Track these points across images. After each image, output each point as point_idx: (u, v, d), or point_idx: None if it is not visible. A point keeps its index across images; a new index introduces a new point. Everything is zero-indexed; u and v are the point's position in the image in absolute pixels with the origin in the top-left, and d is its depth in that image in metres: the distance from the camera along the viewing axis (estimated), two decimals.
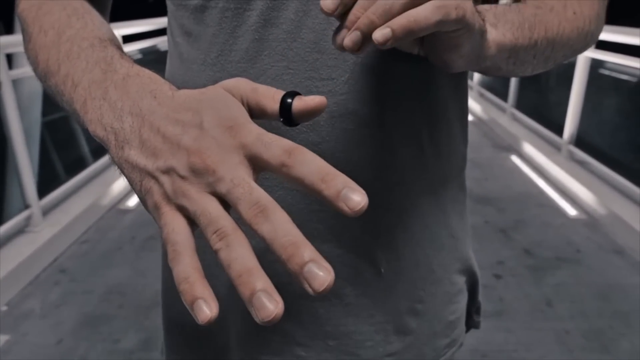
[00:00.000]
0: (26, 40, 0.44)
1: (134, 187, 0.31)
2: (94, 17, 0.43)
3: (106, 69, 0.35)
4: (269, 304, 0.23)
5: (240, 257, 0.25)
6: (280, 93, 0.31)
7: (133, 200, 2.99)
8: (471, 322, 0.63)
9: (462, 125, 0.51)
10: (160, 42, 4.20)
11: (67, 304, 2.01)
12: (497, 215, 2.85)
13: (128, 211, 2.87)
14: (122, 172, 0.32)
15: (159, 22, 4.03)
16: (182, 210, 0.28)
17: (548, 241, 2.55)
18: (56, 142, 3.18)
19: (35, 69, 0.43)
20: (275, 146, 0.27)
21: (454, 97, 0.49)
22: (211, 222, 0.26)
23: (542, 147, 3.71)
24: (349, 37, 0.30)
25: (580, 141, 3.40)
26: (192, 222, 0.28)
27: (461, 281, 0.56)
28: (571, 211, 2.90)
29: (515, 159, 3.85)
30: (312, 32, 0.41)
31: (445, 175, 0.50)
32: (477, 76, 5.80)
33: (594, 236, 2.60)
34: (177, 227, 0.28)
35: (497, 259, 2.36)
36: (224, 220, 0.26)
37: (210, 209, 0.27)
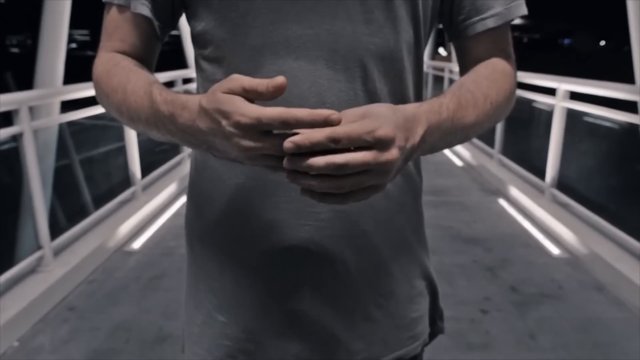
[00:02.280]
0: (104, 96, 0.62)
1: (212, 141, 0.48)
2: (140, 70, 0.62)
3: (156, 115, 0.53)
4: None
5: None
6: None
7: (138, 243, 3.12)
8: (436, 328, 0.77)
9: (415, 163, 0.68)
10: None
11: (76, 340, 2.12)
12: (484, 254, 3.00)
13: (133, 253, 3.00)
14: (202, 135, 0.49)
15: (168, 76, 4.32)
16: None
17: (532, 278, 2.69)
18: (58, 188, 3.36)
19: (120, 117, 0.61)
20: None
21: None
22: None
23: (527, 190, 3.90)
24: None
25: (563, 184, 3.59)
26: None
27: (421, 285, 0.72)
28: (554, 250, 3.05)
29: (502, 201, 4.03)
30: (297, 98, 0.59)
31: (401, 201, 0.66)
32: None
33: (575, 274, 2.75)
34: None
35: (484, 295, 2.49)
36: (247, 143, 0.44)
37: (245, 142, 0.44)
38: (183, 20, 0.69)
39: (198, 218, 0.68)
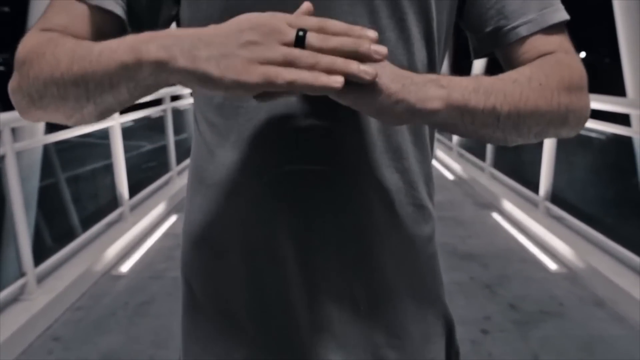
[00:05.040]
0: (34, 60, 0.48)
1: (208, 77, 0.40)
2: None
3: (143, 35, 0.43)
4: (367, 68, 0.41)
5: (331, 60, 0.40)
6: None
7: (126, 266, 3.02)
8: None
9: (428, 194, 0.62)
10: (153, 112, 4.43)
11: None
12: (481, 271, 2.95)
13: (121, 277, 2.89)
14: (189, 77, 0.41)
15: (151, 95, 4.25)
16: (269, 63, 0.40)
17: (532, 295, 2.64)
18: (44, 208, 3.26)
19: (51, 72, 0.46)
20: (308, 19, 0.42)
21: (421, 169, 0.61)
22: (299, 56, 0.40)
23: (521, 203, 3.88)
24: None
25: (555, 197, 3.57)
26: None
27: (437, 323, 0.66)
28: (552, 265, 3.01)
29: (496, 215, 4.00)
30: (292, 119, 0.54)
31: (415, 233, 0.61)
32: (455, 137, 6.08)
33: (575, 289, 2.70)
34: (273, 67, 0.39)
35: (484, 315, 2.43)
36: (305, 51, 0.40)
37: (291, 50, 0.40)
38: None
39: (197, 255, 0.62)
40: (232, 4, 0.51)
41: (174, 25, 0.60)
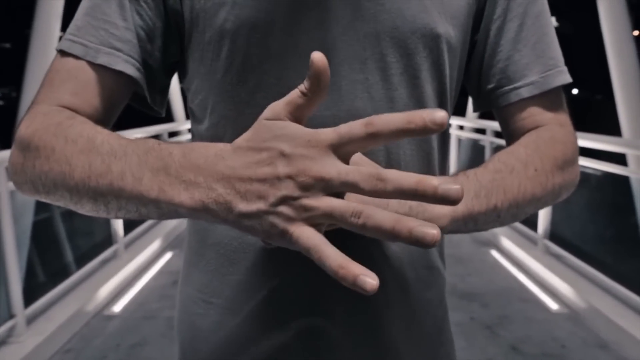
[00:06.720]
0: (41, 151, 0.44)
1: (258, 232, 0.36)
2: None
3: (160, 156, 0.39)
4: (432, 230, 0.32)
5: (381, 217, 0.32)
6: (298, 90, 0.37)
7: (119, 306, 2.95)
8: None
9: (440, 254, 0.61)
10: None
11: None
12: (481, 311, 2.89)
13: (113, 317, 2.82)
14: (242, 229, 0.37)
15: (152, 130, 4.28)
16: (308, 221, 0.34)
17: (533, 337, 2.58)
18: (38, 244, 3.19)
19: (63, 178, 0.42)
20: (354, 126, 0.35)
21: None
22: (344, 211, 0.33)
23: (519, 241, 3.85)
24: None
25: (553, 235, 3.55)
26: (316, 228, 0.35)
27: None
28: (553, 305, 2.96)
29: (495, 253, 3.96)
30: None
31: (426, 297, 0.58)
32: None
33: (577, 331, 2.65)
34: (309, 234, 0.34)
35: (486, 357, 2.37)
36: (351, 204, 0.33)
37: (335, 204, 0.34)
38: None
39: (198, 337, 0.58)
40: (237, 63, 0.50)
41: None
